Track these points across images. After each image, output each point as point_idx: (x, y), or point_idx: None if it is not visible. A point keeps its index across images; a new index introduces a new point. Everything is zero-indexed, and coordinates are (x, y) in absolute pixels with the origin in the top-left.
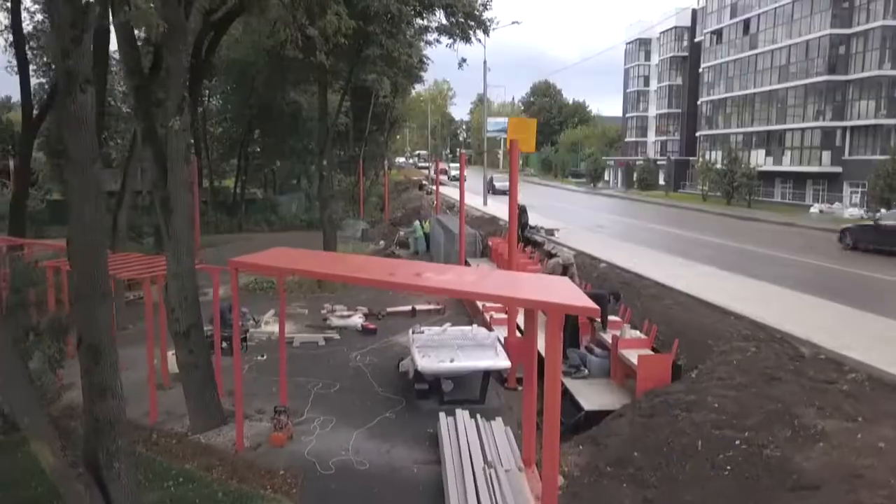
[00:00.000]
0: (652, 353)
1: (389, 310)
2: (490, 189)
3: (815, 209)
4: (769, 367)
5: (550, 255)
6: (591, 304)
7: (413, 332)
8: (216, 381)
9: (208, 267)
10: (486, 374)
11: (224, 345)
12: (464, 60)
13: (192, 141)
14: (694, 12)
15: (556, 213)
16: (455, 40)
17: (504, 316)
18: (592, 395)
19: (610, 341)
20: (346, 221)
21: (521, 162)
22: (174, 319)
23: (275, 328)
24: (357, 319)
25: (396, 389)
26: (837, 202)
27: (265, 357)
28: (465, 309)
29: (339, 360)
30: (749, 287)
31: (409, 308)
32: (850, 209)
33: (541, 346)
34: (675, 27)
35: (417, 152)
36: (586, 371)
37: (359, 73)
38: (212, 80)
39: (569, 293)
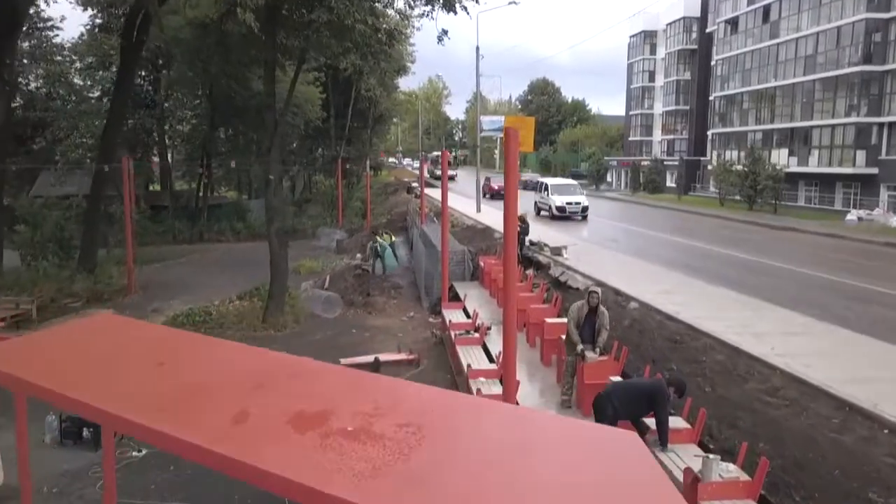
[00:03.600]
0: None
1: (344, 361)
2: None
3: (852, 216)
4: None
5: (558, 283)
6: None
7: None
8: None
9: None
10: None
11: (87, 432)
12: (445, 33)
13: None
14: (704, 2)
15: (558, 220)
16: (433, 7)
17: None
18: None
19: (682, 476)
20: (321, 230)
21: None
22: None
23: None
24: None
25: None
26: (877, 208)
27: (143, 452)
28: (446, 360)
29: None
30: (860, 348)
31: (370, 359)
32: None
33: None
34: (684, 18)
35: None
36: None
37: (311, 49)
38: (169, 72)
39: None
